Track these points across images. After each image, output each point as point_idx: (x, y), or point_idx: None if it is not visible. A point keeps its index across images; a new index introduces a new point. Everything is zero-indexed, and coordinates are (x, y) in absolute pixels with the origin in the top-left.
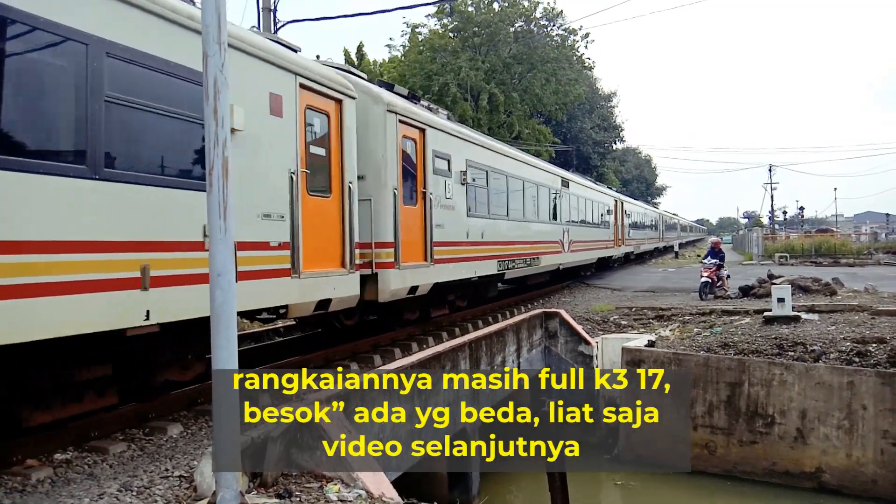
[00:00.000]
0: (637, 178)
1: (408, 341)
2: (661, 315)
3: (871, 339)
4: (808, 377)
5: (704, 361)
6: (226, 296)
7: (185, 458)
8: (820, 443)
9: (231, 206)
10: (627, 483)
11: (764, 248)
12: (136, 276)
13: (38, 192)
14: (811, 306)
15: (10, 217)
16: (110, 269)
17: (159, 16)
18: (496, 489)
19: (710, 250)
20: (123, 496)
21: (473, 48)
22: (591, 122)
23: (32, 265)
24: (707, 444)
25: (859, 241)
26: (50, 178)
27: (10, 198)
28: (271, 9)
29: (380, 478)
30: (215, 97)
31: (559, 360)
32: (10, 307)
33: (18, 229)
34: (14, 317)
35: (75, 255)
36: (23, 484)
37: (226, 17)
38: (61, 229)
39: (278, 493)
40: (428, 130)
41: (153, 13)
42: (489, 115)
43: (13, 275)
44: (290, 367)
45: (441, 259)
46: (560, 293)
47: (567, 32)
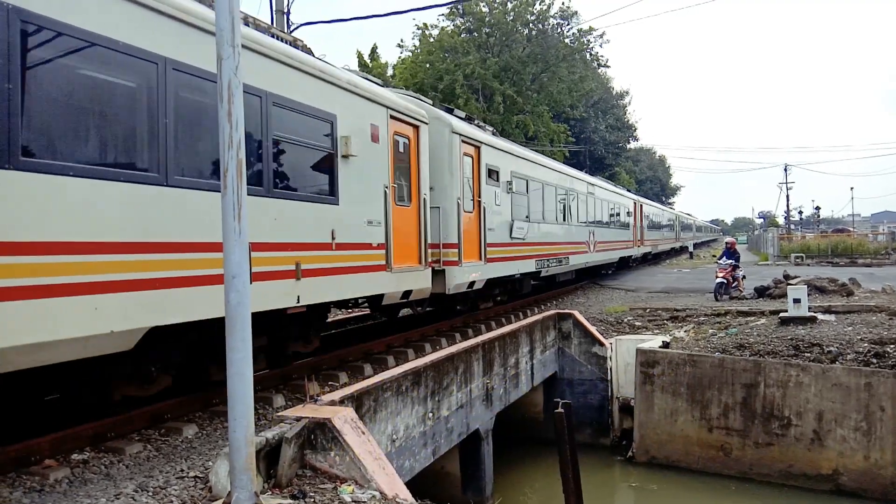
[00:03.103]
0: (651, 179)
1: (421, 342)
2: (675, 316)
3: (889, 340)
4: (824, 378)
5: (720, 363)
6: (241, 297)
7: (200, 458)
8: (837, 445)
9: (245, 208)
10: (642, 485)
11: (779, 248)
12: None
13: (254, 207)
14: (828, 307)
15: (256, 226)
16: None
17: (302, 70)
18: (510, 490)
19: (726, 251)
20: (140, 496)
21: (487, 48)
22: (605, 122)
23: (260, 259)
24: (722, 445)
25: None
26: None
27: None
28: (285, 11)
29: (393, 478)
30: (229, 100)
31: (573, 362)
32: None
33: (255, 235)
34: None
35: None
36: (41, 484)
37: (239, 20)
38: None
39: (293, 493)
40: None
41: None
42: (502, 115)
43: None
44: (305, 368)
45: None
46: (574, 294)
47: (581, 34)
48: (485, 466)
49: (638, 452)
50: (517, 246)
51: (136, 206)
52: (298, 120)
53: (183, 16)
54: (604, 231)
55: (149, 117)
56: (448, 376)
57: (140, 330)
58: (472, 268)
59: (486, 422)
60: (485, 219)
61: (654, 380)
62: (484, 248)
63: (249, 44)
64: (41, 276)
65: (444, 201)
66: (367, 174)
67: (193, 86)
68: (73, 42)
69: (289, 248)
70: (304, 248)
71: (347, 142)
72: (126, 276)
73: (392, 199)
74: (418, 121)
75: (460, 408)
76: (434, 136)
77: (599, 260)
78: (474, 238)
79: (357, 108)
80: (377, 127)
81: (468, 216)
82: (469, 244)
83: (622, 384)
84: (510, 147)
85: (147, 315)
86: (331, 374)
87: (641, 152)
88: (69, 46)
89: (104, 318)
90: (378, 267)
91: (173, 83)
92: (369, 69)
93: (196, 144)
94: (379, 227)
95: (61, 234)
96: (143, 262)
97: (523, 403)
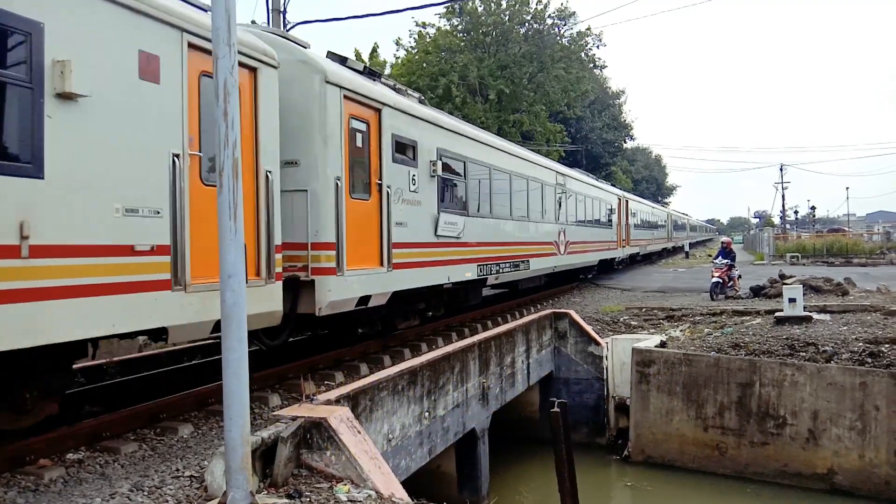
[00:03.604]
0: (647, 179)
1: (417, 341)
2: (671, 315)
3: (883, 340)
4: (819, 378)
5: (715, 362)
6: (236, 297)
7: (195, 458)
8: (832, 444)
9: (241, 207)
10: (638, 484)
11: (775, 247)
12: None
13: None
14: (823, 306)
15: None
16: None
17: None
18: (505, 490)
19: (721, 250)
20: (135, 496)
21: (483, 47)
22: (602, 121)
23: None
24: (718, 445)
25: (871, 241)
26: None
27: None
28: (281, 10)
29: (389, 478)
30: (225, 99)
31: (569, 361)
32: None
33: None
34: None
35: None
36: (36, 483)
37: (236, 19)
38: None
39: (288, 493)
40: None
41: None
42: (497, 113)
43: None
44: (301, 368)
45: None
46: (570, 293)
47: (578, 35)
48: (481, 466)
49: (634, 452)
50: (446, 247)
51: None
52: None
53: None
54: (579, 230)
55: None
56: (444, 375)
57: None
58: (364, 277)
59: (482, 421)
60: (389, 209)
61: (649, 379)
62: (387, 250)
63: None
64: None
65: (314, 182)
66: (131, 131)
67: None
68: None
69: (442, 245)
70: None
71: (66, 72)
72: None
73: (194, 175)
74: (257, 60)
75: (456, 407)
76: (294, 87)
77: (572, 263)
78: (370, 236)
79: (102, 19)
80: (154, 58)
81: (359, 205)
82: (360, 244)
83: (618, 383)
84: (437, 117)
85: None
86: (327, 373)
87: (637, 152)
88: None
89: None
90: (151, 285)
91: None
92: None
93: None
94: (158, 219)
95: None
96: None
97: (519, 403)
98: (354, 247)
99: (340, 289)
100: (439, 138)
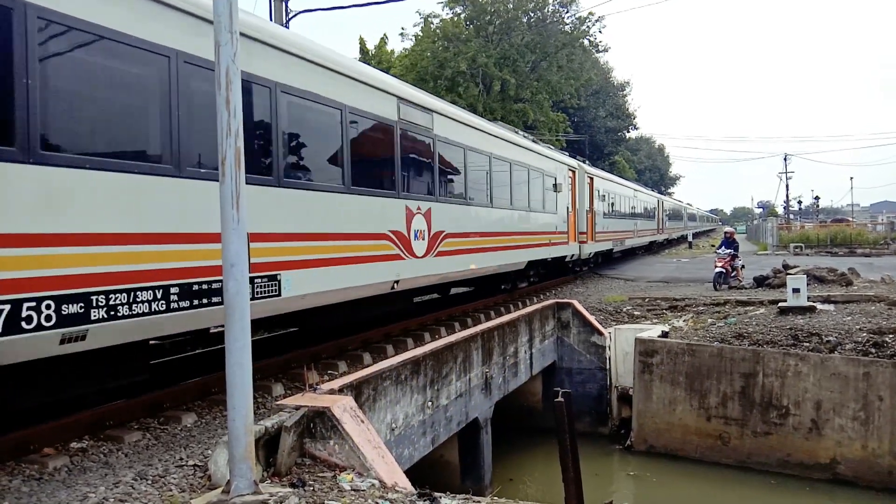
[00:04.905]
0: (650, 168)
1: (420, 331)
2: (674, 305)
3: (887, 330)
4: (823, 368)
5: (718, 352)
6: (239, 286)
7: (199, 447)
8: (835, 434)
9: (244, 196)
10: (640, 474)
11: (779, 237)
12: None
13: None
14: (827, 297)
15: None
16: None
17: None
18: (508, 479)
19: (725, 240)
20: (138, 484)
21: (486, 36)
22: (605, 110)
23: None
24: (721, 434)
25: (875, 231)
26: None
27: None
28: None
29: (393, 467)
30: (227, 87)
31: (571, 351)
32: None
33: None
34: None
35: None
36: (39, 472)
37: (237, 6)
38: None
39: (292, 482)
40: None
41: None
42: (502, 103)
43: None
44: (303, 358)
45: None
46: (573, 283)
47: (580, 22)
48: (483, 455)
49: (636, 441)
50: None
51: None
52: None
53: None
54: (471, 213)
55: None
56: (447, 365)
57: None
58: (594, 243)
59: (485, 410)
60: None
61: (652, 369)
62: (594, 233)
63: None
64: None
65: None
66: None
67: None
68: None
69: (519, 233)
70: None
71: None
72: None
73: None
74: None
75: (459, 396)
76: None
77: (449, 273)
78: (590, 227)
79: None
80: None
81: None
82: (591, 231)
83: (621, 373)
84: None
85: None
86: (330, 362)
87: (641, 142)
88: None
89: None
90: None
91: None
92: (377, 57)
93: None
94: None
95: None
96: None
97: (522, 392)
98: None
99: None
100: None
